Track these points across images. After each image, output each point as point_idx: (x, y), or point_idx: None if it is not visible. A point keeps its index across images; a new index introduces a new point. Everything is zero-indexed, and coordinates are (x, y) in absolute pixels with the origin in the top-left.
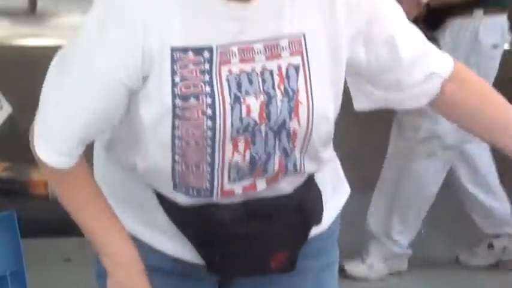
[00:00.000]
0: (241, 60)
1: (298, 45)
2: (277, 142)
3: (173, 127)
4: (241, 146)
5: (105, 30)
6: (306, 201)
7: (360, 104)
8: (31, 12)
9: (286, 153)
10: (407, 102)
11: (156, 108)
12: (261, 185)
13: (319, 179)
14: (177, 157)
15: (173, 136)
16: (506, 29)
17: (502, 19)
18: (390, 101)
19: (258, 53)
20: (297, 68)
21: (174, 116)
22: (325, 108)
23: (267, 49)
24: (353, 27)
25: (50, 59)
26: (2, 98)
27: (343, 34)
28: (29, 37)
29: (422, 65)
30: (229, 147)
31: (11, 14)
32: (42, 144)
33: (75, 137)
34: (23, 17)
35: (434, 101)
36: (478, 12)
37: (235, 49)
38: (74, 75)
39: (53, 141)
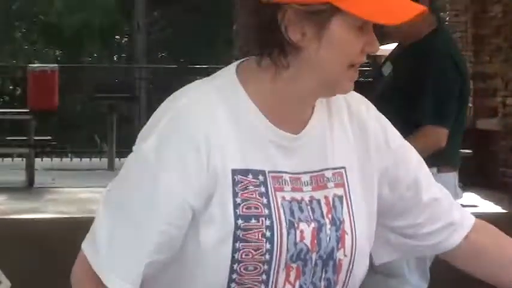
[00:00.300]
0: (292, 189)
1: (340, 177)
2: (323, 273)
3: (233, 250)
4: (292, 275)
5: (167, 149)
6: None
7: (380, 256)
8: (29, 186)
9: (329, 287)
10: (427, 251)
11: (218, 230)
12: None
13: None
14: (233, 284)
15: (232, 260)
16: (457, 185)
17: (453, 176)
18: (410, 248)
19: (305, 183)
20: (340, 199)
21: (235, 238)
22: (364, 241)
23: (313, 180)
24: (382, 165)
25: (48, 233)
26: (1, 273)
27: (374, 172)
28: (27, 211)
29: (443, 214)
30: (282, 276)
31: (9, 189)
32: (112, 276)
33: (141, 264)
34: (20, 192)
35: (453, 250)
36: (432, 170)
37: (287, 177)
38: (136, 202)
39: (123, 271)
